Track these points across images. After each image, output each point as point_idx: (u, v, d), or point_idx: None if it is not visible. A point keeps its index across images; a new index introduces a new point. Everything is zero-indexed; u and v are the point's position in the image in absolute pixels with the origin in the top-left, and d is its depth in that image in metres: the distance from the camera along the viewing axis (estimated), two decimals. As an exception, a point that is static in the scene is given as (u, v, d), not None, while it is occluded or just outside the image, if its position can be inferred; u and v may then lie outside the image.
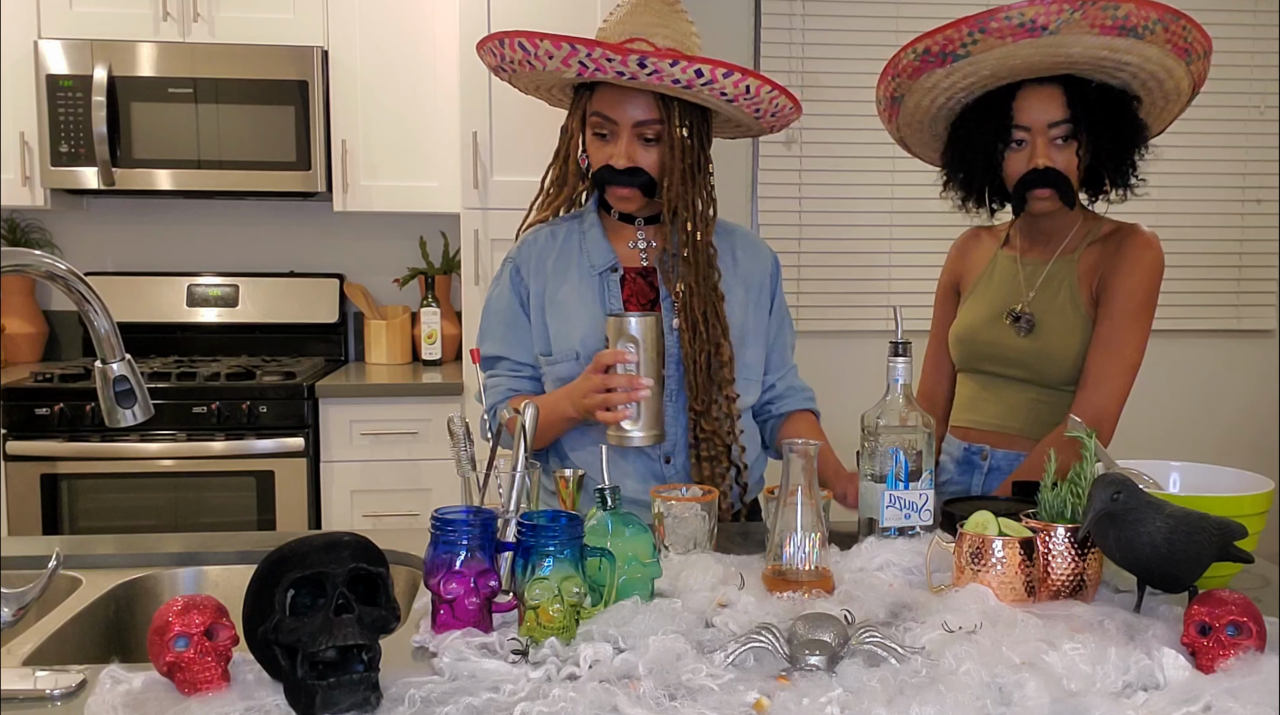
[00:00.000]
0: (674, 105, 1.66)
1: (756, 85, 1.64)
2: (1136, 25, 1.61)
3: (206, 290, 3.58)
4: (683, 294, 1.70)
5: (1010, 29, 1.64)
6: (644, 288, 1.76)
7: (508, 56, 1.67)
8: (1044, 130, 1.74)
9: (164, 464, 3.03)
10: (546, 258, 1.78)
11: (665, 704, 0.96)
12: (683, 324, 1.71)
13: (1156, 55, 1.66)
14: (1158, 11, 1.62)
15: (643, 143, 1.68)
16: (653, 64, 1.56)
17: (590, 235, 1.77)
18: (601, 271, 1.75)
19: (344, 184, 3.33)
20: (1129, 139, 1.77)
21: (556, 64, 1.61)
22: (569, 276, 1.75)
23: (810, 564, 1.30)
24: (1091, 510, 1.18)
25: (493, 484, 1.36)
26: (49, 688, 1.04)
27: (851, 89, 3.68)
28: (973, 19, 1.66)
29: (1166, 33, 1.63)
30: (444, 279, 3.63)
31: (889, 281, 3.80)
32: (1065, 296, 1.83)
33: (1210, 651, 1.05)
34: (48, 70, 3.14)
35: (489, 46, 1.70)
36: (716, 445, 1.71)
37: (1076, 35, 1.63)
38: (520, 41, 1.62)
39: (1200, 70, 1.72)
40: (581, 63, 1.59)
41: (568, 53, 1.59)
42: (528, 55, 1.63)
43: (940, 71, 1.75)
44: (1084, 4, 1.59)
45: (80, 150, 3.16)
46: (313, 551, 0.98)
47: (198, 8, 3.22)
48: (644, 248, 1.78)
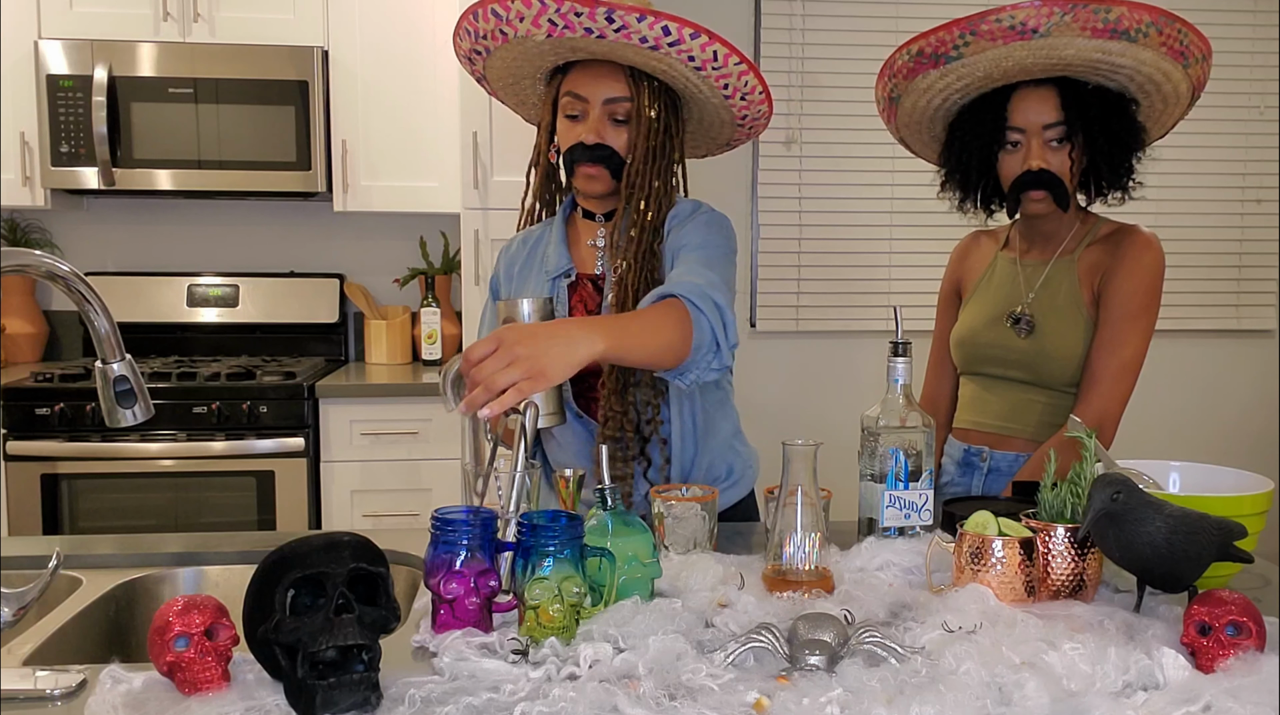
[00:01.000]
0: (644, 84, 1.67)
1: (725, 54, 1.63)
2: (1129, 28, 1.61)
3: (207, 290, 3.58)
4: (620, 270, 1.68)
5: (1001, 31, 1.64)
6: (592, 293, 1.76)
7: (481, 30, 1.67)
8: (1039, 132, 1.74)
9: (164, 464, 3.03)
10: (515, 265, 1.80)
11: (665, 704, 0.96)
12: (614, 301, 1.67)
13: (1151, 58, 1.66)
14: (1151, 14, 1.61)
15: (613, 123, 1.68)
16: (619, 18, 1.56)
17: (552, 241, 1.77)
18: (555, 277, 1.75)
19: (344, 184, 3.33)
20: (1125, 142, 1.77)
21: (527, 26, 1.60)
22: (528, 283, 1.77)
23: (810, 564, 1.30)
24: (1091, 510, 1.18)
25: (492, 484, 1.36)
26: (49, 688, 1.04)
27: (851, 89, 3.68)
28: (964, 21, 1.66)
29: (1161, 35, 1.63)
30: (444, 279, 3.64)
31: (889, 281, 3.80)
32: (1065, 297, 1.83)
33: (1210, 651, 1.05)
34: (48, 70, 3.14)
35: (463, 28, 1.70)
36: (625, 428, 1.67)
37: (1068, 38, 1.63)
38: (493, 8, 1.61)
39: (1199, 74, 1.72)
40: (551, 20, 1.59)
41: (538, 10, 1.58)
42: (500, 22, 1.62)
43: (935, 73, 1.75)
44: (1075, 6, 1.59)
45: (80, 150, 3.16)
46: (313, 551, 0.98)
47: (198, 8, 3.22)
48: (601, 247, 1.77)
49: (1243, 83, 3.83)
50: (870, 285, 3.79)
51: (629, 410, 1.67)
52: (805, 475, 1.31)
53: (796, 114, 3.73)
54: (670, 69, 1.65)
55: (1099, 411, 1.74)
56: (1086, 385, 1.78)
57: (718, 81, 1.68)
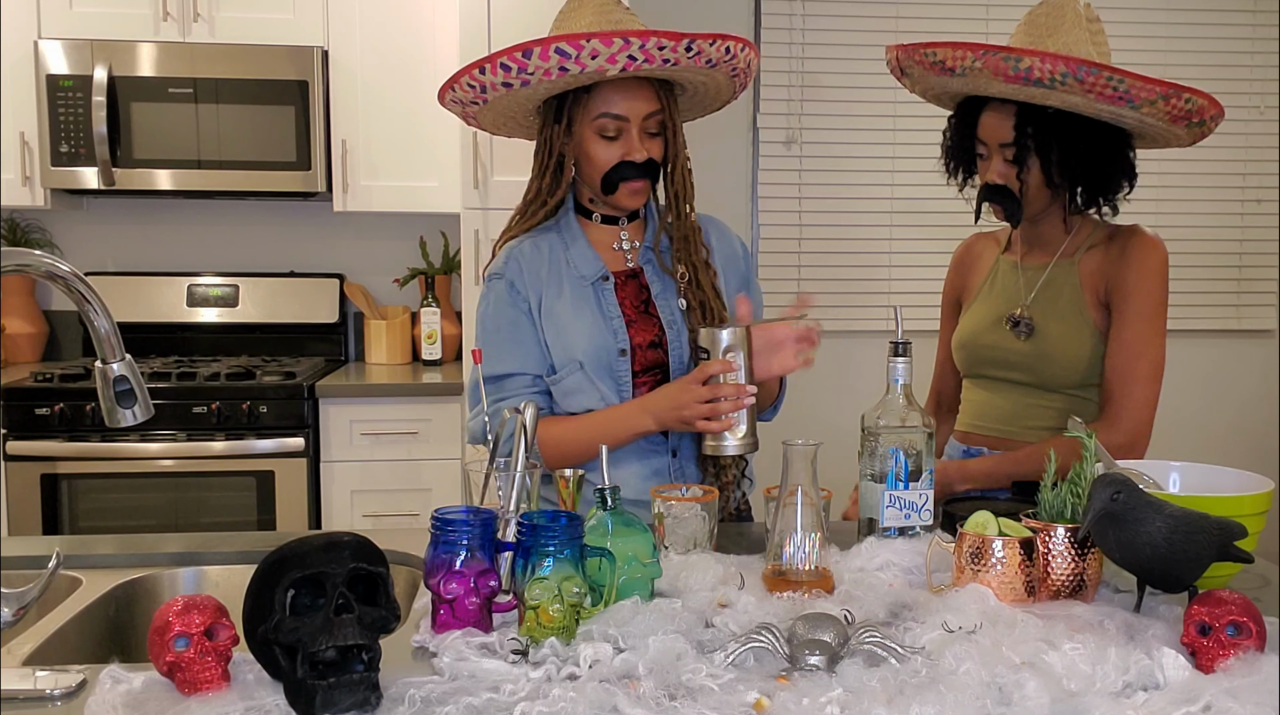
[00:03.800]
0: (671, 92, 1.70)
1: (735, 46, 1.66)
2: (1041, 77, 1.61)
3: (206, 290, 3.58)
4: (687, 274, 1.75)
5: (928, 64, 1.74)
6: (635, 289, 1.77)
7: (532, 68, 1.59)
8: (997, 149, 1.78)
9: (164, 464, 3.03)
10: (539, 269, 1.75)
11: (665, 704, 0.96)
12: (691, 302, 1.74)
13: (1082, 103, 1.66)
14: (1068, 65, 1.60)
15: (648, 135, 1.70)
16: (697, 45, 1.59)
17: (575, 245, 1.76)
18: (593, 281, 1.74)
19: (344, 184, 3.33)
20: (1092, 163, 1.76)
21: (600, 63, 1.56)
22: (561, 289, 1.74)
23: (810, 564, 1.30)
24: (1091, 510, 1.18)
25: (492, 484, 1.36)
26: (49, 688, 1.04)
27: (851, 89, 3.68)
28: (907, 47, 1.76)
29: (1082, 84, 1.61)
30: (444, 279, 3.64)
31: (889, 281, 3.80)
32: (1067, 300, 1.83)
33: (1210, 651, 1.05)
34: (48, 70, 3.14)
35: (465, 80, 1.64)
36: None
37: (985, 80, 1.68)
38: (558, 47, 1.55)
39: (1162, 112, 1.67)
40: (631, 56, 1.57)
41: (619, 47, 1.56)
42: (564, 59, 1.56)
43: (905, 80, 1.85)
44: (985, 53, 1.64)
45: (80, 150, 3.16)
46: (313, 551, 0.98)
47: (198, 8, 3.22)
48: (628, 248, 1.79)
49: (1243, 83, 3.83)
50: (870, 285, 3.79)
51: None
52: (805, 475, 1.31)
53: (796, 114, 3.73)
54: (688, 72, 1.67)
55: (1134, 420, 1.73)
56: (1112, 394, 1.76)
57: (729, 71, 1.71)
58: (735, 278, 1.84)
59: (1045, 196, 1.80)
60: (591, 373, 1.70)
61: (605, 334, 1.72)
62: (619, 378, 1.71)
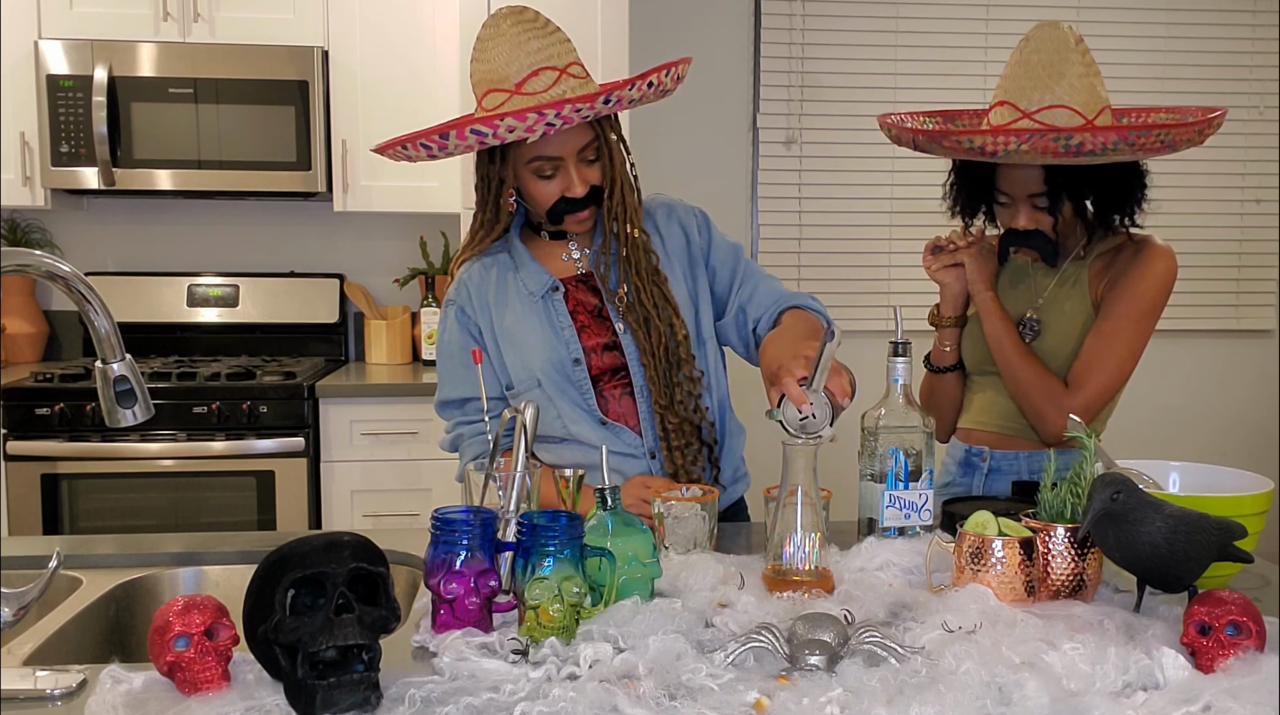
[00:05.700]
0: (605, 120, 1.67)
1: (660, 77, 1.64)
2: (1093, 149, 1.59)
3: (206, 290, 3.58)
4: (627, 296, 1.72)
5: (962, 150, 1.69)
6: (586, 295, 1.77)
7: (453, 146, 1.64)
8: (1025, 199, 1.76)
9: (164, 464, 3.03)
10: (485, 291, 1.77)
11: (665, 704, 0.96)
12: (634, 323, 1.71)
13: (1129, 158, 1.66)
14: (1119, 134, 1.59)
15: (585, 164, 1.68)
16: (615, 96, 1.58)
17: (521, 261, 1.77)
18: (542, 294, 1.74)
19: (344, 184, 3.33)
20: (1117, 196, 1.77)
21: (520, 133, 1.56)
22: (510, 306, 1.75)
23: (810, 564, 1.30)
24: (1091, 510, 1.18)
25: (492, 484, 1.36)
26: (49, 688, 1.04)
27: (851, 89, 3.68)
28: (929, 133, 1.75)
29: (1133, 148, 1.61)
30: (444, 279, 3.63)
31: (889, 281, 3.80)
32: (1074, 302, 1.83)
33: (1210, 651, 1.05)
34: (48, 70, 3.14)
35: (390, 153, 1.68)
36: (686, 432, 1.72)
37: (1032, 157, 1.64)
38: (474, 128, 1.57)
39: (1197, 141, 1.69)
40: (550, 123, 1.56)
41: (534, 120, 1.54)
42: (482, 139, 1.59)
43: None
44: (1033, 136, 1.59)
45: (80, 150, 3.16)
46: (313, 551, 0.98)
47: (198, 8, 3.22)
48: (578, 256, 1.78)
49: (1243, 83, 3.84)
50: (870, 285, 3.79)
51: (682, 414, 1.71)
52: (805, 475, 1.31)
53: (796, 114, 3.73)
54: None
55: (1079, 406, 1.73)
56: (1079, 373, 1.77)
57: (655, 96, 1.69)
58: (686, 267, 1.80)
59: (1077, 229, 1.81)
60: (551, 388, 1.71)
61: (557, 346, 1.72)
62: (580, 385, 1.72)
